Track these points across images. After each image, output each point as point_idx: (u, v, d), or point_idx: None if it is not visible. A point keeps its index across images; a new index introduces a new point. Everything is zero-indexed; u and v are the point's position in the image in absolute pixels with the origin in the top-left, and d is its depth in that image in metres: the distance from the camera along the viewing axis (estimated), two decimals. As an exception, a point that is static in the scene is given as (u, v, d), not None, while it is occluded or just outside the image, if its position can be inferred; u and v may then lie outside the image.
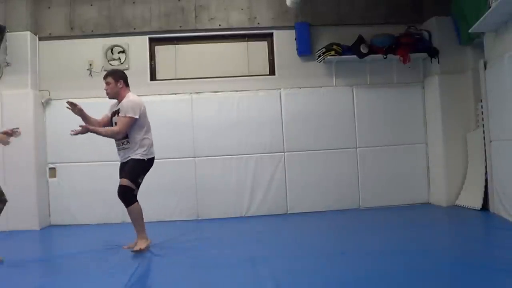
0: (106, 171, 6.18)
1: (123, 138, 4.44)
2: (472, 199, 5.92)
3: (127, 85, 4.61)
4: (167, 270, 3.74)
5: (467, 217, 5.58)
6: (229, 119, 6.44)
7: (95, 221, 6.13)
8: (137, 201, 4.39)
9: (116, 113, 4.54)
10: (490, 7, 4.89)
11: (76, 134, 4.19)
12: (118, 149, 4.55)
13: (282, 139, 6.48)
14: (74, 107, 4.42)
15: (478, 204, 5.74)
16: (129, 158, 4.45)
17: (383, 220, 5.74)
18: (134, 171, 4.41)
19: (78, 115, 4.45)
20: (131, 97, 4.52)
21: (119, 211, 6.11)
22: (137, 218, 4.40)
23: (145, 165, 4.49)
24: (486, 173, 5.70)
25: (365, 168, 6.56)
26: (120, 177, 4.44)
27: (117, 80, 4.52)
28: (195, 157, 6.38)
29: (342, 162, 6.52)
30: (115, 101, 4.63)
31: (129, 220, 6.01)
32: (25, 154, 5.91)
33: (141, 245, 4.30)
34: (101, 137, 4.49)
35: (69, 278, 3.56)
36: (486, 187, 5.69)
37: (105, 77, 4.57)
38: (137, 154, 4.44)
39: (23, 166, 5.89)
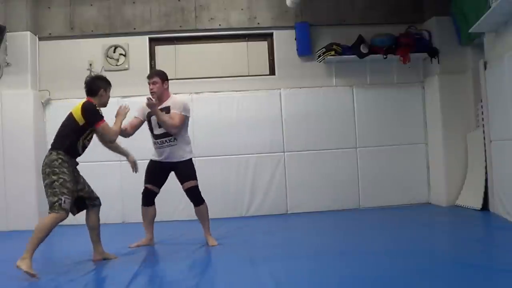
0: (106, 171, 6.19)
1: (170, 135, 4.46)
2: (472, 199, 5.92)
3: (168, 87, 4.64)
4: (167, 270, 3.74)
5: (467, 217, 5.58)
6: (229, 119, 6.44)
7: (95, 221, 6.12)
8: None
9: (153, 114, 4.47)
10: (490, 7, 4.89)
11: (150, 104, 4.29)
12: (162, 147, 4.50)
13: (282, 139, 6.48)
14: (153, 105, 4.35)
15: (478, 204, 5.74)
16: (179, 160, 4.49)
17: (383, 220, 5.74)
18: (193, 169, 4.58)
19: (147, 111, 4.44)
20: (178, 97, 4.65)
21: (119, 211, 6.16)
22: (207, 216, 4.61)
23: (192, 162, 4.64)
24: (486, 173, 5.70)
25: (365, 168, 6.56)
26: (183, 181, 4.52)
27: (164, 80, 4.54)
28: (195, 157, 6.36)
29: (342, 162, 6.53)
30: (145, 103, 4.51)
31: (129, 220, 6.05)
32: (25, 154, 5.92)
33: (215, 241, 4.55)
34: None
35: (70, 278, 3.56)
36: (486, 187, 5.69)
37: (151, 77, 4.54)
38: (187, 152, 4.57)
39: (23, 166, 5.89)
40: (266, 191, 6.43)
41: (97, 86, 3.95)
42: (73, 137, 3.81)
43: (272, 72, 6.72)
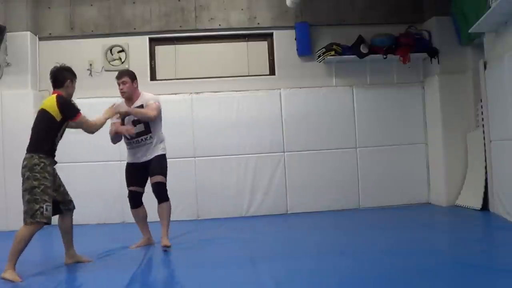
0: (106, 171, 6.20)
1: (146, 134, 4.43)
2: (472, 199, 5.92)
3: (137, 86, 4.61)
4: (167, 270, 3.74)
5: (467, 217, 5.58)
6: (229, 119, 6.44)
7: (95, 221, 6.13)
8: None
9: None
10: (490, 7, 4.89)
11: (123, 113, 4.30)
12: (138, 146, 4.47)
13: (282, 139, 6.48)
14: (126, 112, 4.36)
15: (478, 204, 5.74)
16: (153, 156, 4.45)
17: (383, 220, 5.74)
18: (164, 166, 4.50)
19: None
20: (149, 94, 4.62)
21: (119, 211, 6.15)
22: (168, 215, 4.48)
23: (166, 159, 4.56)
24: (486, 173, 5.70)
25: (365, 168, 6.56)
26: (152, 175, 4.42)
27: (133, 79, 4.52)
28: (195, 157, 6.38)
29: (342, 162, 6.53)
30: (120, 104, 4.53)
31: (129, 220, 6.03)
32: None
33: (168, 242, 4.38)
34: (98, 137, 4.47)
35: (70, 279, 3.56)
36: (486, 187, 5.68)
37: (120, 77, 4.50)
38: (160, 149, 4.50)
39: (23, 166, 5.88)
40: (266, 191, 6.42)
41: (63, 77, 3.82)
42: (52, 136, 3.68)
43: (272, 72, 6.72)
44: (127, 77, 4.49)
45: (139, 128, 4.45)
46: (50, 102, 3.70)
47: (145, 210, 4.65)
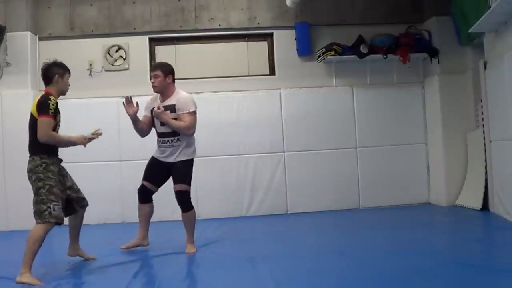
0: (106, 171, 6.20)
1: (174, 136, 4.24)
2: (472, 199, 5.92)
3: (174, 81, 4.38)
4: (167, 270, 3.74)
5: (467, 217, 5.58)
6: (229, 119, 6.44)
7: (95, 221, 6.10)
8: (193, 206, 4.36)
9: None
10: (490, 7, 4.89)
11: (157, 113, 4.14)
12: (163, 146, 4.30)
13: (282, 139, 6.48)
14: (130, 107, 4.19)
15: (478, 204, 5.74)
16: (177, 160, 4.26)
17: (383, 220, 5.74)
18: (188, 173, 4.30)
19: (132, 116, 4.24)
20: (184, 93, 4.38)
21: (119, 211, 6.16)
22: (192, 223, 4.36)
23: (192, 164, 4.38)
24: (486, 173, 5.70)
25: (365, 168, 6.56)
26: (175, 182, 4.28)
27: (167, 74, 4.25)
28: (195, 157, 6.37)
29: (342, 162, 6.52)
30: (153, 97, 4.41)
31: (129, 220, 6.05)
32: (25, 154, 5.87)
33: (193, 249, 4.30)
34: (99, 137, 4.46)
35: (70, 278, 3.56)
36: (486, 187, 5.69)
37: (153, 69, 4.29)
38: (186, 154, 4.29)
39: (23, 166, 5.84)
40: (266, 191, 6.42)
41: (51, 73, 3.71)
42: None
43: (272, 72, 6.72)
44: (159, 70, 4.24)
45: (166, 128, 4.27)
46: (34, 103, 3.64)
47: (151, 209, 4.53)
